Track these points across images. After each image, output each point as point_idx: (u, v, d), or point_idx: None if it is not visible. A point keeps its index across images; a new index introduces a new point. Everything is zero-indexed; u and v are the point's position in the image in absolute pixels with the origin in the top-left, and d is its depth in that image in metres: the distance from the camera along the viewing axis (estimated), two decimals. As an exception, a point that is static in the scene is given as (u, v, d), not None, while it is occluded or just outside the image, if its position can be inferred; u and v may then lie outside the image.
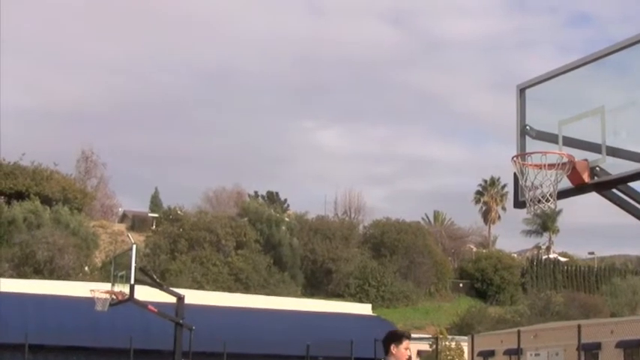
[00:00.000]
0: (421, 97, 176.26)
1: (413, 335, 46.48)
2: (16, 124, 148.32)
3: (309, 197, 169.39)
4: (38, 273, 64.96)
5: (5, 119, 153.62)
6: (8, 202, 79.52)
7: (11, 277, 56.82)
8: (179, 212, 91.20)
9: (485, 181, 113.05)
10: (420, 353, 57.03)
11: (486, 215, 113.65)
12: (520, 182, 9.20)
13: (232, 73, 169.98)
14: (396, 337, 9.49)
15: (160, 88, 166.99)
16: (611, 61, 8.87)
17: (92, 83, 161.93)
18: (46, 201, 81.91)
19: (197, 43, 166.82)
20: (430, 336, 55.65)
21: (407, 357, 9.38)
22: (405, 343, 9.41)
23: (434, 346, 48.30)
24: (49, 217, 77.25)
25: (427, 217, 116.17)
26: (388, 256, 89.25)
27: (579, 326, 32.53)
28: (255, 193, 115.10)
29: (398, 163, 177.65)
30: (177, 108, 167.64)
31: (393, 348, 9.36)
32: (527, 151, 9.25)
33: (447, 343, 58.21)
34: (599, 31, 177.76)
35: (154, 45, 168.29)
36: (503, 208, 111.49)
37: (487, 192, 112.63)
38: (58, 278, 57.87)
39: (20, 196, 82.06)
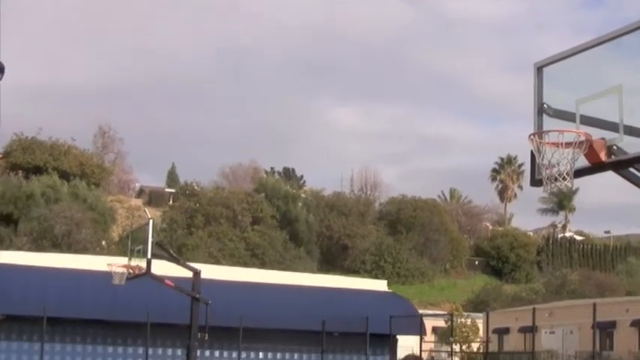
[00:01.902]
0: (437, 75, 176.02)
1: (428, 312, 46.85)
2: (34, 99, 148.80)
3: (325, 174, 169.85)
4: (56, 247, 65.32)
5: (23, 94, 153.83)
6: (26, 177, 79.94)
7: (29, 250, 57.11)
8: (196, 187, 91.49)
9: (502, 160, 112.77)
10: (435, 330, 57.22)
11: (502, 193, 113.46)
12: (537, 160, 9.21)
13: (250, 51, 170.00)
14: None
15: (179, 66, 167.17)
16: (628, 41, 8.86)
17: (111, 60, 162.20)
18: (64, 176, 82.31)
19: (216, 21, 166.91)
20: (445, 313, 55.79)
21: None
22: None
23: (449, 323, 48.42)
24: (66, 191, 77.64)
25: (443, 195, 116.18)
26: (404, 232, 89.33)
27: (594, 305, 32.63)
28: (272, 169, 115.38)
29: (414, 141, 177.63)
30: (196, 85, 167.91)
31: None
32: (545, 129, 9.26)
33: (462, 319, 58.37)
34: (613, 11, 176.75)
35: (173, 23, 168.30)
36: (520, 187, 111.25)
37: (503, 170, 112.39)
38: (76, 252, 58.13)
39: (38, 170, 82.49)
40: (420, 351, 37.68)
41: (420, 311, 46.59)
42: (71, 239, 68.68)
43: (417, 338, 41.30)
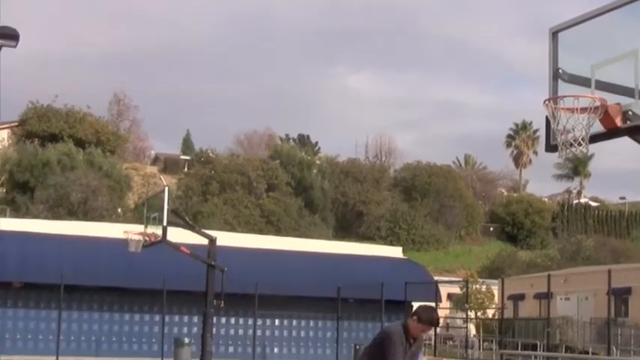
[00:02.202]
0: (453, 41, 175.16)
1: (443, 278, 46.77)
2: (50, 66, 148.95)
3: (340, 141, 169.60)
4: (72, 215, 65.55)
5: (38, 62, 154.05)
6: (42, 145, 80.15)
7: (46, 218, 57.35)
8: (211, 155, 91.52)
9: (517, 125, 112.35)
10: (450, 296, 57.32)
11: (517, 159, 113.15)
12: (552, 126, 9.18)
13: (265, 17, 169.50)
14: (422, 316, 9.16)
15: (194, 33, 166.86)
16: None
17: (126, 28, 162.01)
18: (80, 143, 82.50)
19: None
20: (460, 279, 55.93)
21: (418, 335, 9.23)
22: (426, 327, 9.24)
23: (464, 290, 48.51)
24: (82, 159, 77.85)
25: (458, 161, 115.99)
26: (419, 199, 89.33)
27: (609, 271, 32.58)
28: (287, 136, 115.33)
29: (428, 107, 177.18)
30: (210, 51, 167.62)
31: (412, 318, 9.15)
32: (560, 95, 9.22)
33: (478, 286, 58.48)
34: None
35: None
36: (535, 152, 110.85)
37: (518, 136, 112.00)
38: (92, 220, 58.35)
39: (54, 138, 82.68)
40: (436, 317, 37.77)
41: (435, 278, 46.67)
42: (87, 207, 68.92)
43: (432, 305, 41.37)
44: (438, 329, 41.85)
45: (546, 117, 9.26)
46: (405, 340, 9.09)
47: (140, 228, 28.84)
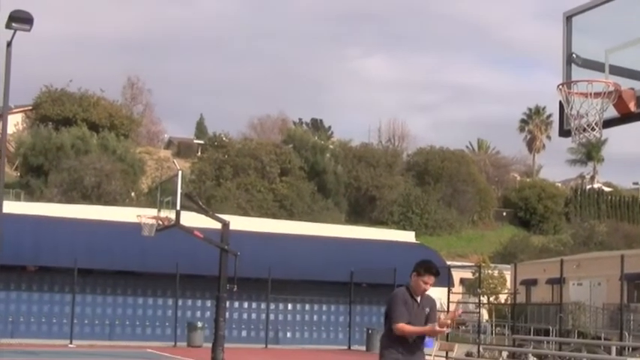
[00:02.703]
0: (466, 25, 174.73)
1: (456, 263, 46.56)
2: (63, 50, 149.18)
3: (352, 125, 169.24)
4: (86, 198, 65.75)
5: (52, 45, 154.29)
6: (56, 129, 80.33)
7: (60, 202, 57.54)
8: (224, 139, 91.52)
9: (530, 110, 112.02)
10: (463, 281, 57.33)
11: (531, 144, 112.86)
12: (565, 111, 9.18)
13: (278, 1, 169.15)
14: (420, 267, 9.28)
15: (207, 16, 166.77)
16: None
17: (139, 11, 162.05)
18: (93, 127, 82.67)
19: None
20: (473, 264, 55.88)
21: (421, 289, 9.23)
22: (426, 277, 9.18)
23: (477, 274, 48.51)
24: (96, 143, 78.05)
25: (471, 145, 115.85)
26: (432, 183, 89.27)
27: (622, 256, 32.46)
28: (300, 120, 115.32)
29: (442, 91, 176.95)
30: (223, 35, 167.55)
31: (413, 275, 9.25)
32: (573, 79, 9.21)
33: (490, 271, 58.44)
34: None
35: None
36: (548, 137, 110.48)
37: (532, 121, 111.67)
38: (106, 204, 58.55)
39: (68, 122, 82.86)
40: (448, 303, 37.70)
41: (448, 262, 46.61)
42: (101, 191, 69.10)
43: (444, 290, 41.30)
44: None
45: (560, 102, 9.25)
46: (409, 297, 9.20)
47: (153, 212, 28.93)
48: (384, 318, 9.38)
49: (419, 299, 9.27)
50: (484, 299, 51.47)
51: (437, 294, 46.58)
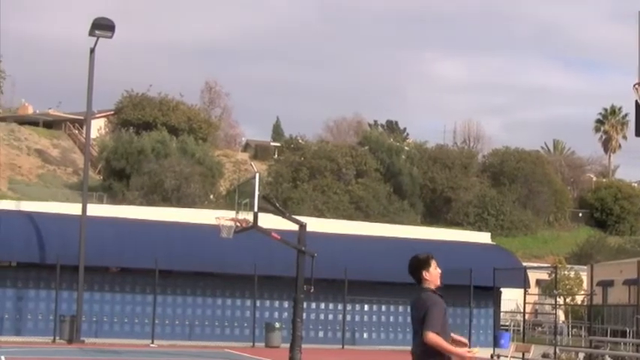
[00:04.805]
0: (541, 26, 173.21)
1: (531, 264, 46.32)
2: (144, 56, 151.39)
3: (427, 127, 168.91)
4: (166, 201, 66.80)
5: (133, 52, 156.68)
6: (137, 133, 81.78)
7: (141, 204, 58.53)
8: (300, 141, 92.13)
9: (606, 110, 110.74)
10: (539, 282, 57.13)
11: (606, 144, 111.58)
12: None
13: (354, 5, 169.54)
14: (423, 262, 8.67)
15: (283, 21, 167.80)
16: None
17: (217, 17, 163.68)
18: (173, 131, 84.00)
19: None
20: (549, 265, 55.61)
21: (440, 275, 8.69)
22: (433, 263, 8.66)
23: (553, 275, 48.38)
24: (175, 146, 79.24)
25: (546, 146, 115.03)
26: (507, 184, 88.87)
27: (700, 257, 32.25)
28: (375, 122, 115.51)
29: (515, 92, 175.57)
30: (300, 39, 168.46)
31: (425, 274, 8.63)
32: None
33: (566, 272, 58.10)
34: None
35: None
36: (624, 137, 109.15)
37: (607, 121, 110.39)
38: (185, 206, 59.34)
39: (148, 126, 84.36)
40: (524, 304, 37.78)
41: (524, 264, 46.52)
42: (180, 193, 70.13)
43: (520, 291, 41.30)
44: (527, 315, 41.86)
45: (636, 101, 9.38)
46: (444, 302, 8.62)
47: (232, 214, 29.20)
48: (420, 324, 8.50)
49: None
50: (560, 300, 51.23)
51: (513, 295, 46.61)
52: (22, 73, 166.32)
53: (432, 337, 8.23)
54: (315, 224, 35.60)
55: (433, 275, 8.65)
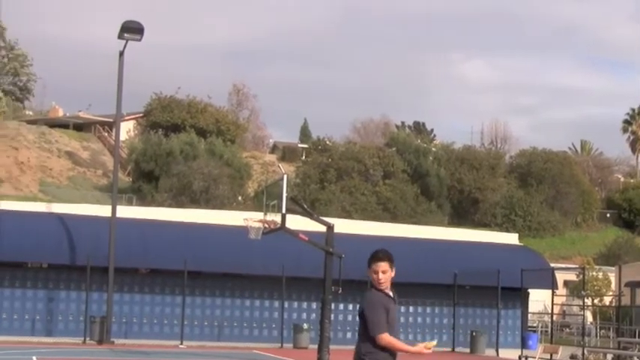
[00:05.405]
0: (567, 26, 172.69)
1: (559, 265, 46.29)
2: (172, 59, 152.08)
3: (454, 128, 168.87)
4: (194, 202, 67.08)
5: (162, 54, 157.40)
6: (166, 135, 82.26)
7: (170, 206, 58.86)
8: (328, 143, 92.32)
9: (633, 110, 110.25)
10: (566, 283, 57.02)
11: (634, 144, 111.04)
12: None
13: (379, 7, 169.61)
14: (368, 260, 8.47)
15: (309, 23, 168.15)
16: None
17: (244, 19, 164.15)
18: (201, 133, 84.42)
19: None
20: (577, 266, 55.53)
21: (379, 281, 8.33)
22: (374, 266, 8.36)
23: (581, 276, 48.32)
24: (204, 148, 79.60)
25: (574, 147, 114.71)
26: (535, 185, 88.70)
27: None
28: (402, 123, 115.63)
29: (542, 93, 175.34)
30: (327, 41, 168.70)
31: (368, 272, 8.44)
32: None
33: (594, 273, 57.94)
34: None
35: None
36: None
37: (635, 121, 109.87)
38: (213, 207, 59.60)
39: (177, 128, 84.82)
40: (552, 305, 37.78)
41: (551, 265, 46.52)
42: (209, 195, 70.42)
43: (548, 292, 41.32)
44: (555, 317, 41.80)
45: None
46: (386, 298, 8.37)
47: (260, 215, 29.36)
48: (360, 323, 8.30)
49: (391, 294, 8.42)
50: (588, 301, 51.13)
51: (541, 296, 46.53)
52: (53, 76, 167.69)
53: (384, 339, 8.02)
54: (343, 225, 35.73)
55: (371, 277, 8.41)
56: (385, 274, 8.38)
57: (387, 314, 8.15)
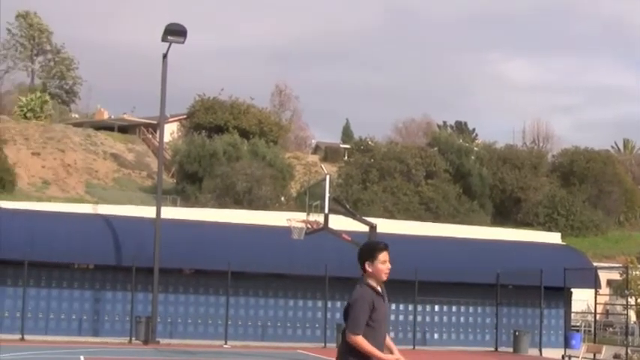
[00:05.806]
0: (609, 24, 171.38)
1: (602, 264, 46.23)
2: (215, 61, 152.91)
3: (496, 127, 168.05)
4: (238, 203, 67.42)
5: (205, 56, 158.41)
6: (209, 136, 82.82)
7: (213, 207, 59.24)
8: (370, 143, 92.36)
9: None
10: (610, 283, 56.74)
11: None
12: None
13: (419, 7, 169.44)
14: (368, 252, 7.99)
15: (350, 24, 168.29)
16: None
17: (286, 21, 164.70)
18: (244, 134, 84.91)
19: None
20: (620, 265, 55.22)
21: (386, 272, 8.01)
22: (382, 256, 7.98)
23: (624, 276, 48.12)
24: (246, 149, 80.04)
25: (616, 145, 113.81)
26: (577, 184, 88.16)
27: None
28: (444, 123, 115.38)
29: (583, 92, 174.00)
30: (369, 42, 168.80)
31: (367, 266, 7.97)
32: None
33: (638, 272, 57.58)
34: None
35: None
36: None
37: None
38: (256, 208, 59.89)
39: (220, 129, 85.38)
40: (595, 304, 37.71)
41: (594, 264, 46.32)
42: (252, 196, 70.76)
43: (591, 291, 41.19)
44: (598, 316, 41.69)
45: None
46: (376, 296, 8.08)
47: (303, 216, 29.59)
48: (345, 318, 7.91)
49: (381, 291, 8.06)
50: (632, 300, 50.90)
51: (584, 296, 46.39)
52: (98, 79, 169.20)
53: (354, 340, 7.64)
54: (385, 225, 35.87)
55: (377, 269, 7.93)
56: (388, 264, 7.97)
57: (371, 312, 7.76)
